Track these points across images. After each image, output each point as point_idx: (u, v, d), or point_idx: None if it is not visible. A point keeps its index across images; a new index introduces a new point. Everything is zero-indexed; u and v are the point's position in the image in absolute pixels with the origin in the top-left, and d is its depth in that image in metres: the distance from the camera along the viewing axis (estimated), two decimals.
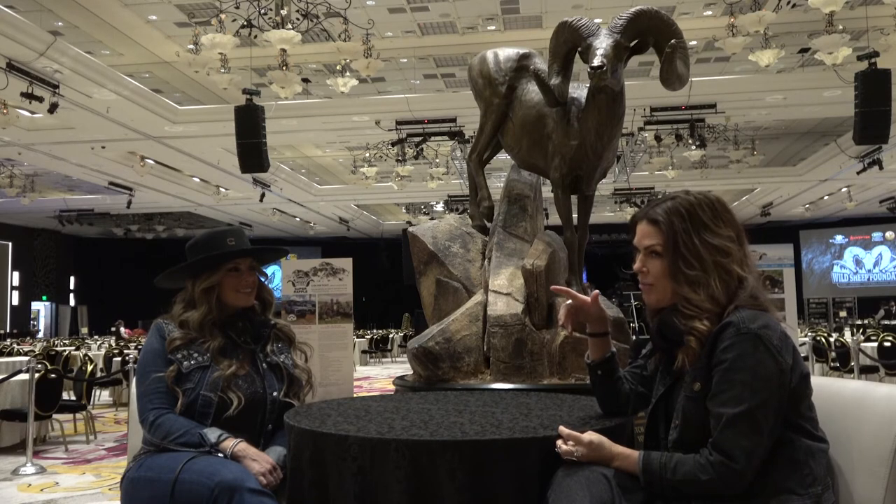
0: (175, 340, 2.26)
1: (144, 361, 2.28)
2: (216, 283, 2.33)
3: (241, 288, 2.36)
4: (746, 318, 1.59)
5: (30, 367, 5.95)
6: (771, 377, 1.55)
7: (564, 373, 2.97)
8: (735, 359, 1.56)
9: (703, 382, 1.62)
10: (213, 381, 2.20)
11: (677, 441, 1.67)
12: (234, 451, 2.07)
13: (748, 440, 1.53)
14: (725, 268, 1.67)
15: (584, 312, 1.96)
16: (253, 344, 2.36)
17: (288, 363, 2.40)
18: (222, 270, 2.34)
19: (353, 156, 16.57)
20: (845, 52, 8.61)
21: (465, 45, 11.51)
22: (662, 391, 1.78)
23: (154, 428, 2.15)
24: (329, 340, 3.19)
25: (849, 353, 9.03)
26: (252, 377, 2.29)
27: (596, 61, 2.71)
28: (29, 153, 14.42)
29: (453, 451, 1.65)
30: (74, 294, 27.55)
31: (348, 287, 3.22)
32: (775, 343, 1.57)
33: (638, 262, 1.77)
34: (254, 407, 2.24)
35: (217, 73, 9.25)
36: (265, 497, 1.94)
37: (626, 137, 13.74)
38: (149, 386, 2.21)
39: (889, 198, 21.01)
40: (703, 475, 1.54)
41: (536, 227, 3.53)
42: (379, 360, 18.15)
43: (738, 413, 1.53)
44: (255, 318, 2.41)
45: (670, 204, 1.74)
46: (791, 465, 1.57)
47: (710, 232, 1.69)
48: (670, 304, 1.73)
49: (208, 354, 2.25)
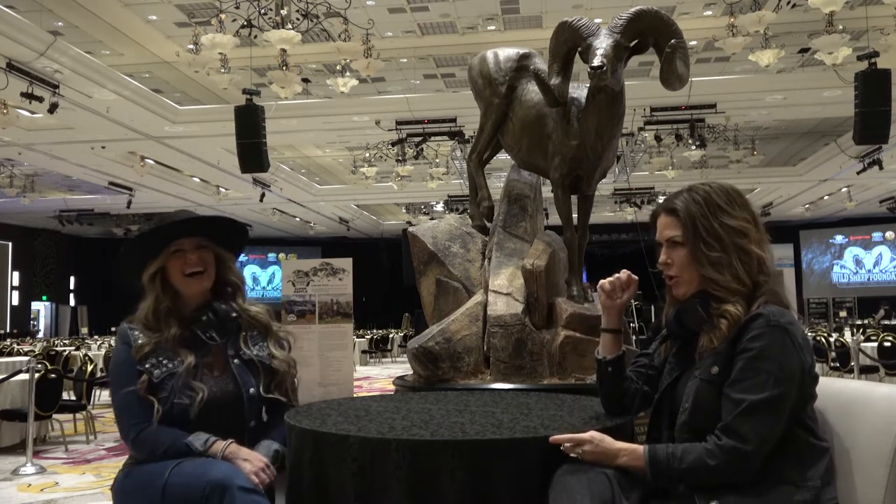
0: (142, 348, 2.10)
1: (114, 376, 2.14)
2: (159, 269, 2.17)
3: (186, 268, 2.15)
4: (776, 312, 1.63)
5: (30, 367, 5.95)
6: (794, 371, 1.59)
7: (564, 373, 2.97)
8: (763, 348, 1.60)
9: (722, 368, 1.64)
10: (180, 384, 2.07)
11: (685, 424, 1.69)
12: (225, 453, 1.99)
13: (764, 427, 1.56)
14: (744, 248, 1.71)
15: (620, 301, 1.96)
16: (220, 339, 2.18)
17: (263, 355, 2.22)
18: (165, 254, 2.17)
19: (353, 156, 16.57)
20: (845, 52, 8.61)
21: (465, 45, 11.51)
22: (669, 381, 1.80)
23: (138, 444, 2.05)
24: (329, 340, 3.19)
25: (849, 353, 9.03)
26: (223, 376, 2.15)
27: (596, 61, 2.71)
28: (29, 153, 14.42)
29: (454, 451, 1.65)
30: (74, 294, 27.53)
31: (348, 287, 3.22)
32: (800, 341, 1.62)
33: (662, 255, 1.81)
34: (230, 406, 2.12)
35: (217, 73, 9.25)
36: (256, 495, 1.88)
37: (626, 137, 13.74)
38: (122, 402, 2.09)
39: (889, 198, 21.00)
40: (712, 460, 1.56)
41: (536, 227, 3.53)
42: (379, 360, 18.15)
43: (760, 400, 1.56)
44: (219, 309, 2.19)
45: (686, 194, 1.79)
46: (793, 458, 1.60)
47: (726, 214, 1.73)
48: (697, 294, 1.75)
49: (179, 359, 2.10)
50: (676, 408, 1.74)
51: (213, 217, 2.28)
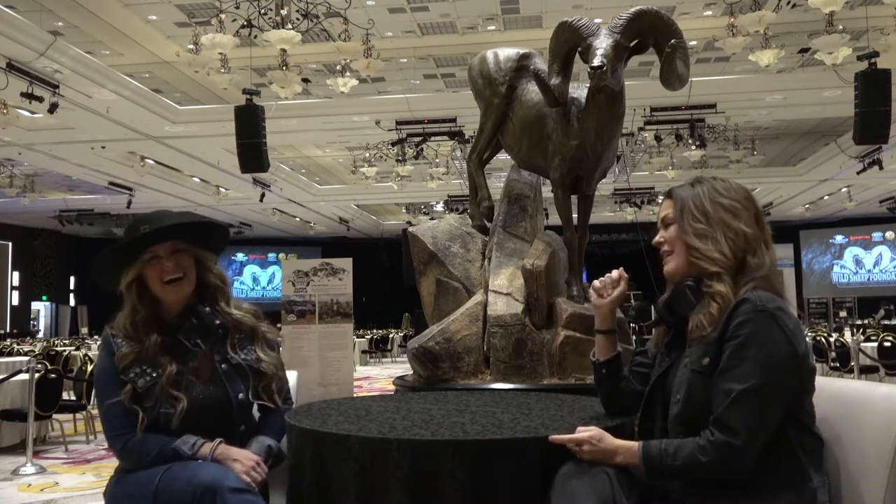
0: (126, 357, 2.04)
1: (99, 386, 2.09)
2: (134, 278, 2.09)
3: (163, 275, 2.07)
4: (763, 297, 1.60)
5: (30, 367, 5.95)
6: (783, 358, 1.55)
7: (564, 373, 2.98)
8: (749, 335, 1.56)
9: (713, 358, 1.62)
10: (164, 392, 2.02)
11: (678, 416, 1.66)
12: (215, 454, 1.96)
13: (753, 418, 1.52)
14: (730, 225, 1.69)
15: (611, 298, 1.97)
16: (204, 346, 2.11)
17: (251, 359, 2.15)
18: (140, 261, 2.08)
19: (353, 156, 16.57)
20: (845, 52, 8.61)
21: (465, 45, 11.51)
22: (661, 372, 1.79)
23: (125, 454, 2.02)
24: (329, 340, 3.19)
25: (849, 353, 9.03)
26: (211, 382, 2.10)
27: (596, 61, 2.71)
28: (29, 153, 14.42)
29: (454, 451, 1.65)
30: (74, 294, 27.51)
31: (348, 287, 3.22)
32: (790, 327, 1.58)
33: (657, 236, 1.81)
34: (218, 412, 2.08)
35: (217, 73, 9.25)
36: (248, 494, 1.86)
37: (626, 137, 13.73)
38: (107, 412, 2.04)
39: (889, 198, 21.00)
40: (704, 457, 1.53)
41: (536, 227, 3.53)
42: (379, 360, 18.15)
43: (746, 389, 1.53)
44: (203, 314, 2.13)
45: (690, 183, 1.82)
46: (788, 459, 1.57)
47: (719, 195, 1.74)
48: (685, 276, 1.74)
49: (161, 368, 2.04)
50: (668, 398, 1.72)
51: (187, 222, 2.15)
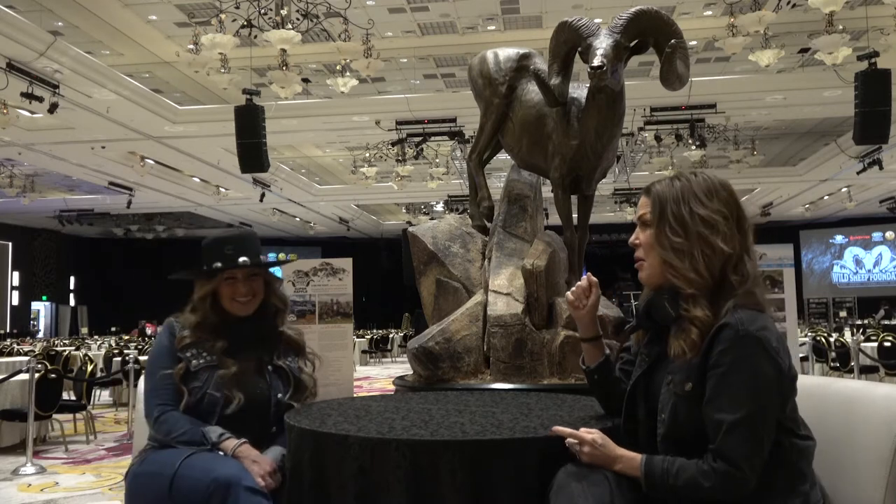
0: (185, 338, 2.27)
1: (153, 358, 2.30)
2: (210, 292, 2.32)
3: (236, 296, 2.32)
4: (745, 319, 1.56)
5: (30, 367, 5.95)
6: (770, 382, 1.54)
7: (564, 373, 2.97)
8: (733, 363, 1.54)
9: (696, 383, 1.60)
10: (218, 381, 2.21)
11: (665, 437, 1.66)
12: (236, 452, 2.08)
13: (749, 447, 1.51)
14: (708, 241, 1.63)
15: (587, 307, 1.96)
16: (258, 350, 2.34)
17: (294, 367, 2.38)
18: (218, 279, 2.32)
19: (353, 156, 16.56)
20: (845, 52, 8.60)
21: (465, 45, 11.51)
22: (640, 373, 1.78)
23: (158, 424, 2.18)
24: (329, 340, 3.18)
25: (849, 353, 9.03)
26: (257, 379, 2.29)
27: (596, 61, 2.71)
28: (29, 153, 14.41)
29: (454, 451, 1.65)
30: (74, 294, 27.54)
31: (348, 287, 3.22)
32: (774, 345, 1.56)
33: (633, 235, 1.77)
34: (257, 408, 2.24)
35: (217, 73, 9.25)
36: (261, 497, 1.93)
37: (626, 137, 13.74)
38: (157, 382, 2.24)
39: (889, 198, 21.00)
40: (706, 482, 1.52)
41: (536, 227, 3.53)
42: (379, 360, 18.15)
43: (738, 419, 1.51)
44: (262, 326, 2.38)
45: (669, 179, 1.75)
46: (782, 467, 1.56)
47: (699, 204, 1.67)
48: (661, 284, 1.71)
49: (216, 355, 2.26)
50: (652, 405, 1.72)
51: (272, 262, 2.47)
